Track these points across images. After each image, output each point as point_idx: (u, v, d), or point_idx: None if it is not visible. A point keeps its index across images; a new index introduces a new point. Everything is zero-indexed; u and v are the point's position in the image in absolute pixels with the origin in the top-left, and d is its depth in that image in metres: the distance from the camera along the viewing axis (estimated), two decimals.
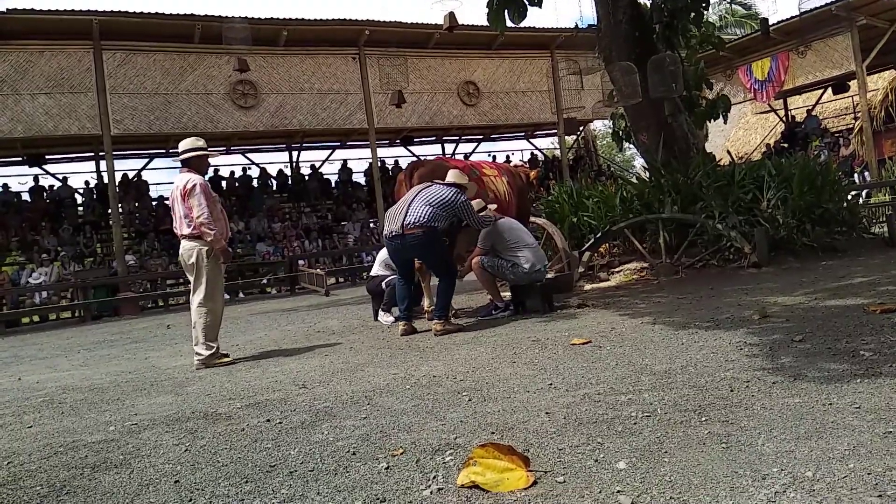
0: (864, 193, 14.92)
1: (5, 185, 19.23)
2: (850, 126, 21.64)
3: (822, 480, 1.89)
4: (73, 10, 15.37)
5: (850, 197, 9.55)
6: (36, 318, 15.55)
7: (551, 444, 2.45)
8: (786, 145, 21.71)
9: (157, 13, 16.28)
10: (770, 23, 18.62)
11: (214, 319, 5.50)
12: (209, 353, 5.39)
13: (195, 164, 5.65)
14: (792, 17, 18.84)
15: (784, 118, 24.55)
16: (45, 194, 19.43)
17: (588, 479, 2.09)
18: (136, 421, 3.53)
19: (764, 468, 2.01)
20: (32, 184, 19.45)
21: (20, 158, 19.72)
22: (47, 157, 20.06)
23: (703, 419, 2.54)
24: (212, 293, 5.51)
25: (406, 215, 5.73)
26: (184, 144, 5.70)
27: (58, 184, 19.98)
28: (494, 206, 6.62)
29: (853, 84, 19.74)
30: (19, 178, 20.16)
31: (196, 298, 5.50)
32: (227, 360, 5.45)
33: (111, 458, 2.85)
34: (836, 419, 2.38)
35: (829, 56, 19.14)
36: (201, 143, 5.76)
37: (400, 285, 6.08)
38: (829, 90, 21.78)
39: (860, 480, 1.86)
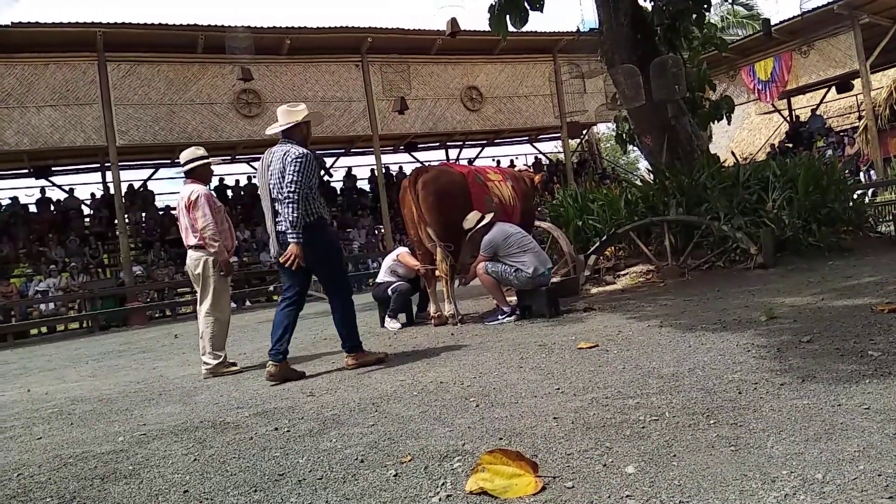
0: (869, 192, 14.87)
1: (13, 198, 19.33)
2: (855, 125, 21.59)
3: (832, 483, 1.88)
4: (77, 23, 15.47)
5: (855, 196, 9.52)
6: (44, 330, 15.62)
7: (559, 449, 2.45)
8: (790, 145, 21.67)
9: (160, 24, 16.36)
10: (772, 23, 18.62)
11: (221, 328, 5.52)
12: (217, 362, 5.41)
13: (198, 173, 5.66)
14: (794, 17, 18.83)
15: (788, 118, 24.51)
16: (51, 206, 19.53)
17: (597, 483, 2.09)
18: (144, 431, 3.54)
19: (773, 471, 2.01)
20: (39, 195, 19.54)
21: (27, 171, 19.84)
22: (53, 168, 20.15)
23: (712, 422, 2.53)
24: (218, 302, 5.53)
25: (275, 230, 4.74)
26: (185, 155, 5.70)
27: (64, 195, 20.07)
28: (491, 214, 6.61)
29: (857, 83, 19.70)
30: (26, 190, 20.26)
31: (203, 308, 5.52)
32: (234, 368, 5.46)
33: (120, 469, 2.86)
34: (845, 420, 2.37)
35: (833, 55, 19.10)
36: (202, 151, 5.76)
37: (280, 309, 4.87)
38: (833, 89, 21.74)
39: (871, 482, 1.85)
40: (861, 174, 18.26)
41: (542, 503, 2.01)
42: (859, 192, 10.93)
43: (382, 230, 19.76)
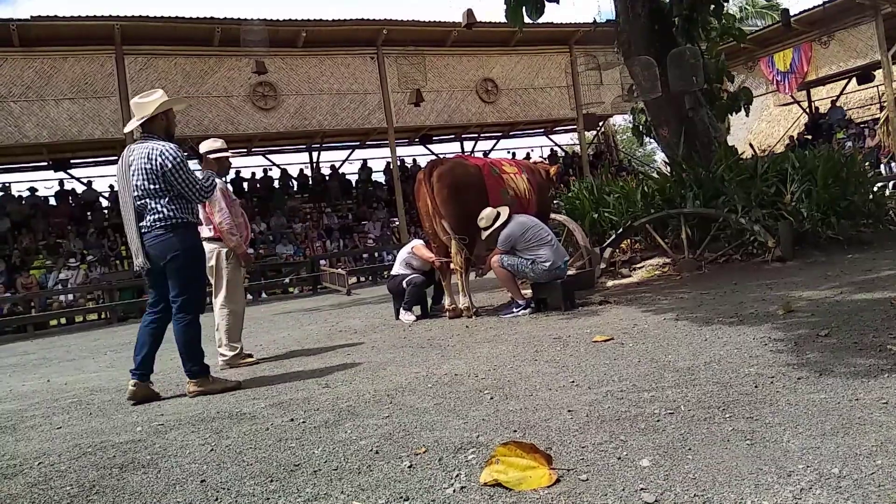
0: (890, 185, 14.68)
1: (32, 189, 19.53)
2: (876, 116, 21.26)
3: (848, 477, 1.87)
4: (95, 16, 15.58)
5: (876, 189, 9.40)
6: (63, 321, 15.80)
7: (574, 441, 2.45)
8: (810, 137, 21.41)
9: (177, 17, 16.43)
10: (791, 13, 18.39)
11: (236, 320, 5.55)
12: (233, 353, 5.45)
13: (214, 165, 5.67)
14: (814, 7, 18.58)
15: (808, 109, 24.22)
16: (70, 198, 19.72)
17: (611, 476, 2.09)
18: (162, 421, 3.58)
19: (789, 465, 2.00)
20: (58, 188, 19.75)
21: (46, 163, 20.04)
22: (72, 161, 20.34)
23: (728, 416, 2.52)
24: (233, 294, 5.55)
25: (140, 237, 4.27)
26: (203, 146, 5.70)
27: (83, 188, 20.27)
28: (507, 210, 6.57)
29: (878, 74, 19.42)
30: (45, 183, 20.48)
31: (218, 300, 5.55)
32: (250, 360, 5.50)
33: (139, 459, 2.89)
34: (862, 415, 2.35)
35: (854, 46, 18.83)
36: (219, 143, 5.75)
37: (145, 325, 4.41)
38: (854, 80, 21.45)
39: (888, 477, 1.84)
40: (882, 166, 18.00)
41: (556, 496, 2.01)
42: (880, 184, 10.80)
43: (397, 223, 19.78)
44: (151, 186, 4.19)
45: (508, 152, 24.69)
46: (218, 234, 5.46)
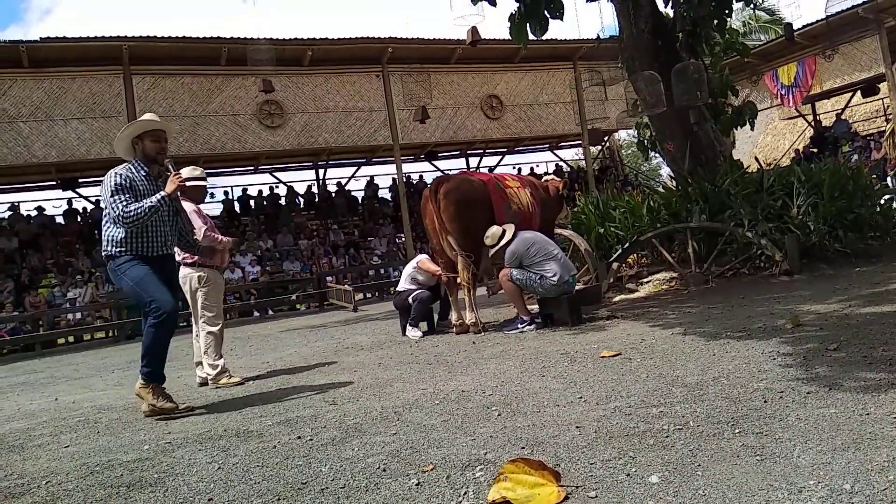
0: None
1: (40, 209, 19.66)
2: (882, 129, 21.27)
3: (860, 493, 1.85)
4: (103, 37, 15.76)
5: (882, 201, 9.38)
6: (71, 339, 15.82)
7: (582, 458, 2.43)
8: (815, 150, 21.40)
9: (184, 37, 16.60)
10: (794, 27, 18.46)
11: (216, 340, 5.53)
12: (216, 371, 5.45)
13: (190, 193, 5.65)
14: (817, 21, 18.65)
15: (813, 123, 24.22)
16: (78, 217, 19.84)
17: (620, 493, 2.07)
18: (169, 439, 3.58)
19: (800, 481, 1.98)
20: (66, 207, 19.88)
21: (54, 182, 20.17)
22: (80, 180, 20.48)
23: (737, 431, 2.51)
24: (212, 316, 5.53)
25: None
26: (182, 174, 5.72)
27: (91, 206, 20.39)
28: (512, 227, 6.56)
29: (883, 86, 19.44)
30: (53, 202, 20.61)
31: (206, 324, 5.54)
32: (234, 380, 5.44)
33: (146, 477, 2.89)
34: (873, 430, 2.33)
35: (858, 59, 18.88)
36: (198, 171, 5.79)
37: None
38: (859, 93, 21.48)
39: None
40: (888, 179, 17.95)
41: None
42: (886, 196, 10.77)
43: (403, 239, 19.82)
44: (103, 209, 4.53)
45: (514, 168, 24.76)
46: (192, 258, 5.47)
